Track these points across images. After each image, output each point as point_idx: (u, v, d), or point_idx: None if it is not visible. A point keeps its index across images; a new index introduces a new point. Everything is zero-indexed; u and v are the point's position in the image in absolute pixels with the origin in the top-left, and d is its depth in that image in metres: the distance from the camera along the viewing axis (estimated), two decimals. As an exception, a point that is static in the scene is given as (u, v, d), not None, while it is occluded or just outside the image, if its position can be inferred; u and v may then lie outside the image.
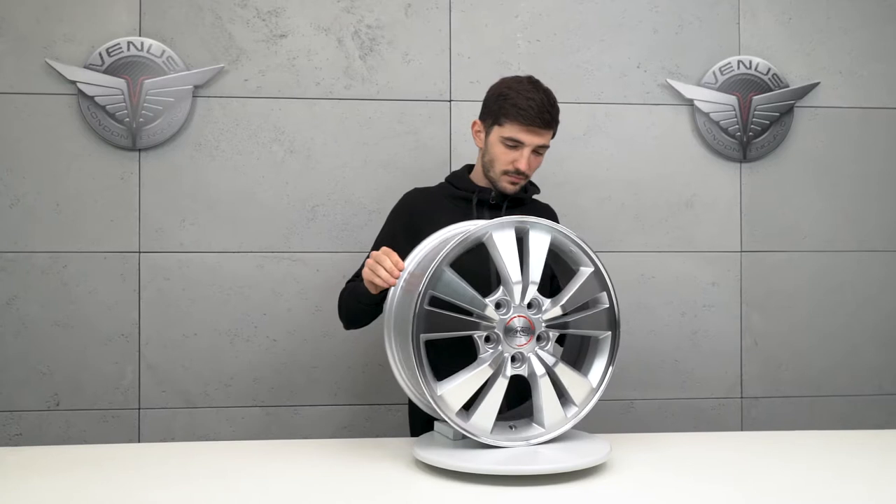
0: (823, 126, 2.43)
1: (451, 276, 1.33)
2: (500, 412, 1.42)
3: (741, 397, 2.40)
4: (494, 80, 2.30)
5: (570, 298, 1.41)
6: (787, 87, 2.39)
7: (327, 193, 2.29)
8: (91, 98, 2.19)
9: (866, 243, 2.44)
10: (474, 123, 1.72)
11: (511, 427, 1.43)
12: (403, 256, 1.49)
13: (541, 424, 1.42)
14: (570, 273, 1.46)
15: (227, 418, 2.26)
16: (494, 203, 1.71)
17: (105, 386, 2.22)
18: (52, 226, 2.20)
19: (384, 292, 1.50)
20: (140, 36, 2.22)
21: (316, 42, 2.29)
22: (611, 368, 1.44)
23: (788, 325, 2.42)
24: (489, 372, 1.35)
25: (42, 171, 2.20)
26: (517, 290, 1.37)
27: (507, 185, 1.67)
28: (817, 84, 2.41)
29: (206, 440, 2.22)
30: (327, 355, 2.28)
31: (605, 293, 1.45)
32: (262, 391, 2.27)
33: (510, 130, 1.62)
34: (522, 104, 1.59)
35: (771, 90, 2.39)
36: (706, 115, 2.37)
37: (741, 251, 2.40)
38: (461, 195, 1.73)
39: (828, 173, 2.44)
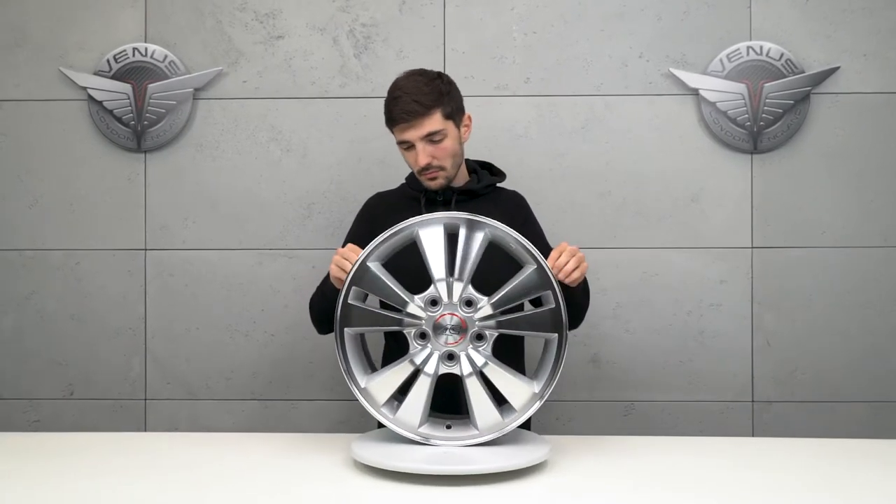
0: (844, 113, 2.27)
1: (376, 272, 1.34)
2: (457, 411, 1.44)
3: (752, 401, 2.29)
4: (489, 74, 2.32)
5: (503, 296, 1.39)
6: (803, 72, 2.25)
7: (322, 191, 2.32)
8: (100, 103, 2.30)
9: (891, 238, 2.27)
10: None
11: (448, 426, 1.42)
12: None
13: (474, 426, 1.39)
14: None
15: (227, 410, 2.33)
16: (443, 199, 1.71)
17: (114, 377, 2.33)
18: (65, 225, 2.33)
19: None
20: (146, 42, 2.31)
21: (312, 42, 2.32)
22: (558, 372, 1.40)
23: (804, 325, 2.28)
24: (410, 368, 1.35)
25: (57, 174, 2.33)
26: (443, 287, 1.36)
27: (428, 183, 1.69)
28: (837, 69, 2.26)
29: (208, 431, 2.29)
30: (324, 351, 2.31)
31: (549, 293, 1.41)
32: (261, 385, 2.32)
33: (395, 134, 1.67)
34: (389, 105, 1.64)
35: (784, 76, 2.26)
36: (713, 104, 2.26)
37: (752, 247, 2.28)
38: (414, 195, 1.74)
39: (848, 163, 2.28)
